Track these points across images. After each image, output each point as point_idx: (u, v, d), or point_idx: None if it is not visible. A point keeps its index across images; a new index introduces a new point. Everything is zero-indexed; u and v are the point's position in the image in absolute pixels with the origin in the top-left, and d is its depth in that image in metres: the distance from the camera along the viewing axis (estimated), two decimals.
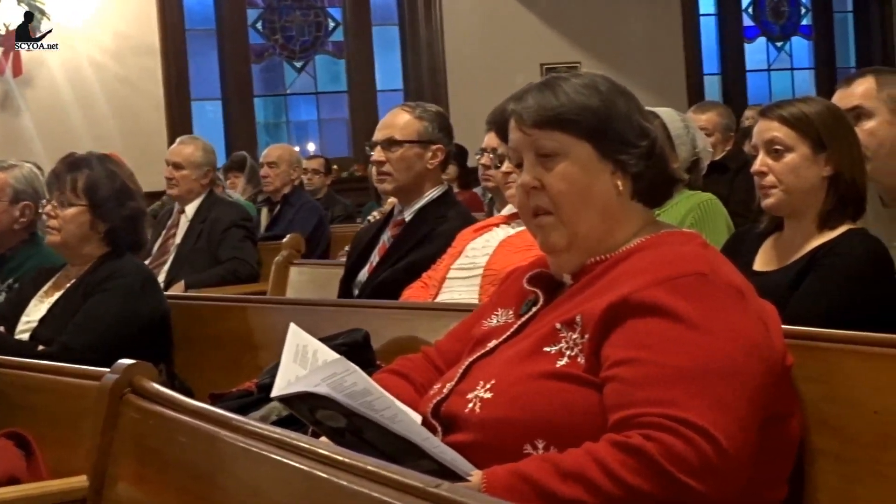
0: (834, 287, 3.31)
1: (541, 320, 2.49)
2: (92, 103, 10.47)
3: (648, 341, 2.26)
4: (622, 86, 2.60)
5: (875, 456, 2.38)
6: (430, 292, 4.25)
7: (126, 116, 10.59)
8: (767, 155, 3.49)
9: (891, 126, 3.91)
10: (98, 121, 10.42)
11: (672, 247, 2.45)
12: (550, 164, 2.50)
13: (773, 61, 14.47)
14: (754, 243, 3.64)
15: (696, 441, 2.14)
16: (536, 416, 2.31)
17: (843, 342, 2.50)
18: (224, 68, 11.65)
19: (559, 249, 2.53)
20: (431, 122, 4.76)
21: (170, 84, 10.89)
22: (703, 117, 6.70)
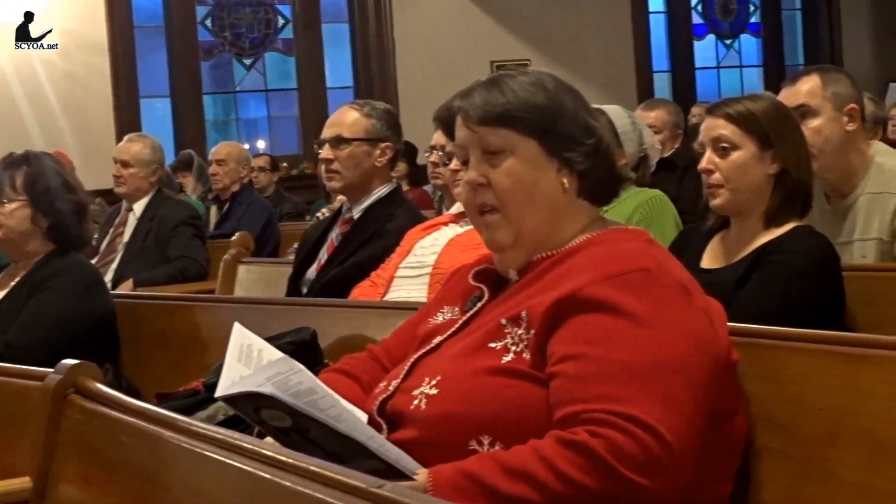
0: (780, 284, 3.32)
1: (486, 316, 2.49)
2: (41, 101, 10.40)
3: (594, 337, 2.26)
4: (569, 84, 2.60)
5: (821, 453, 2.38)
6: (378, 291, 4.24)
7: (75, 114, 10.52)
8: (714, 153, 3.50)
9: (836, 123, 3.95)
10: (47, 118, 10.36)
11: (618, 243, 2.45)
12: (496, 161, 2.50)
13: (722, 59, 14.54)
14: (701, 241, 3.65)
15: (641, 437, 2.14)
16: (482, 412, 2.30)
17: (788, 340, 2.51)
18: (173, 66, 11.60)
19: (505, 247, 2.53)
20: (380, 120, 4.75)
21: (118, 81, 10.83)
22: (652, 115, 6.72)
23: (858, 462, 2.31)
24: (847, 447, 2.34)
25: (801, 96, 3.96)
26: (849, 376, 2.37)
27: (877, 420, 2.30)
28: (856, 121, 3.98)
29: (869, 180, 3.96)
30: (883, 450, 2.27)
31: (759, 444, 2.49)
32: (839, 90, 3.99)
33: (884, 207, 3.90)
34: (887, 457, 2.27)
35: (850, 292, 3.49)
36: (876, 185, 3.94)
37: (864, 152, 4.00)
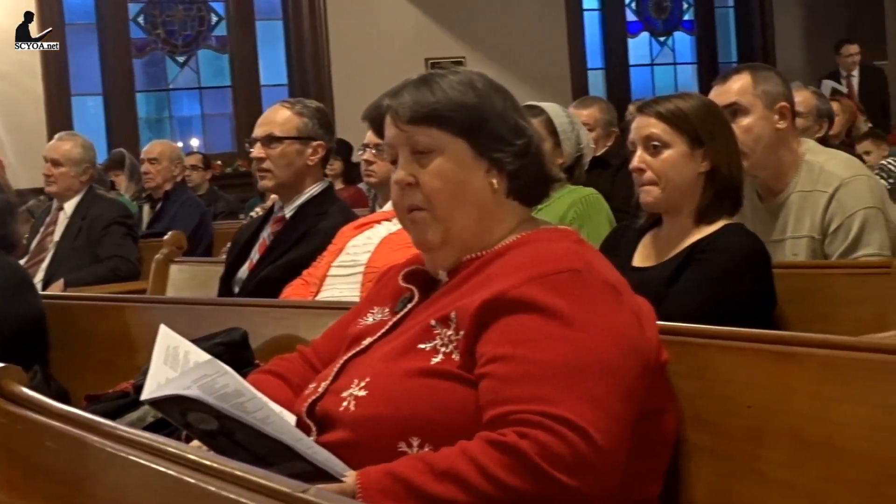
0: (711, 282, 3.34)
1: (416, 317, 2.48)
2: None
3: (523, 338, 2.25)
4: (499, 83, 2.60)
5: (748, 450, 2.40)
6: (310, 290, 4.23)
7: (6, 113, 10.44)
8: (645, 151, 3.51)
9: (767, 122, 3.97)
10: None
11: (547, 243, 2.45)
12: (425, 160, 2.49)
13: (655, 56, 14.62)
14: (633, 239, 3.66)
15: (570, 438, 2.14)
16: (411, 414, 2.30)
17: (716, 338, 2.52)
18: (105, 63, 11.51)
19: (434, 246, 2.52)
20: (312, 118, 4.73)
21: (49, 79, 10.75)
22: (585, 112, 6.72)
23: (784, 459, 2.33)
24: (773, 445, 2.35)
25: (733, 94, 3.98)
26: (776, 374, 2.38)
27: (802, 418, 2.31)
28: (786, 119, 4.01)
29: (800, 178, 3.98)
30: (808, 447, 2.29)
31: (688, 442, 2.50)
32: (770, 88, 4.01)
33: (815, 205, 3.92)
34: (812, 454, 2.28)
35: (782, 290, 3.51)
36: (807, 183, 3.96)
37: (795, 150, 4.03)
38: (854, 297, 3.53)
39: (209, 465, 1.68)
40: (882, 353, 2.28)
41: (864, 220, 3.84)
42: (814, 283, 3.63)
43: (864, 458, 2.21)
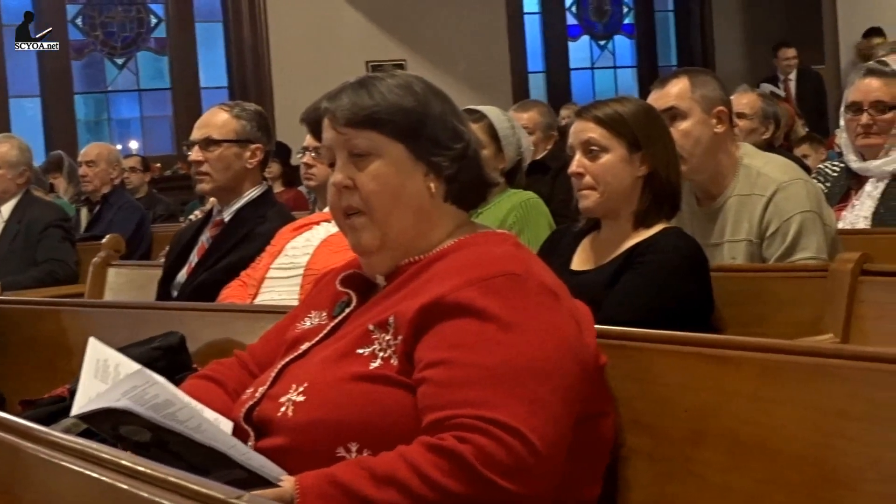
0: (649, 285, 3.35)
1: (354, 322, 2.47)
2: None
3: (461, 342, 2.25)
4: (437, 87, 2.59)
5: (685, 453, 2.41)
6: (248, 291, 4.21)
7: None
8: (584, 156, 3.52)
9: (705, 126, 3.99)
10: None
11: (485, 247, 2.44)
12: (363, 163, 2.48)
13: (596, 59, 14.67)
14: (572, 242, 3.67)
15: (509, 442, 2.13)
16: (349, 419, 2.29)
17: (654, 341, 2.53)
18: (43, 65, 11.42)
19: (371, 250, 2.51)
20: (250, 121, 4.71)
21: None
22: (525, 116, 6.74)
23: (722, 462, 2.34)
24: (711, 447, 2.36)
25: (671, 99, 3.99)
26: (713, 377, 2.39)
27: (740, 420, 2.32)
28: (724, 123, 4.02)
29: (738, 182, 3.99)
30: (745, 450, 2.30)
31: (626, 445, 2.51)
32: (708, 92, 4.03)
33: (752, 209, 3.94)
34: (749, 456, 2.29)
35: (720, 293, 3.53)
36: (744, 186, 3.98)
37: (733, 154, 4.05)
38: (791, 300, 3.55)
39: (143, 472, 1.66)
40: (818, 356, 2.29)
41: (802, 224, 3.86)
42: (752, 286, 3.65)
43: (801, 460, 2.22)
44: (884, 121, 4.80)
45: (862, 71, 5.00)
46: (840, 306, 3.39)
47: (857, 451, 2.14)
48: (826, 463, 2.18)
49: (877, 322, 3.38)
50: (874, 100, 4.81)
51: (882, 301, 3.39)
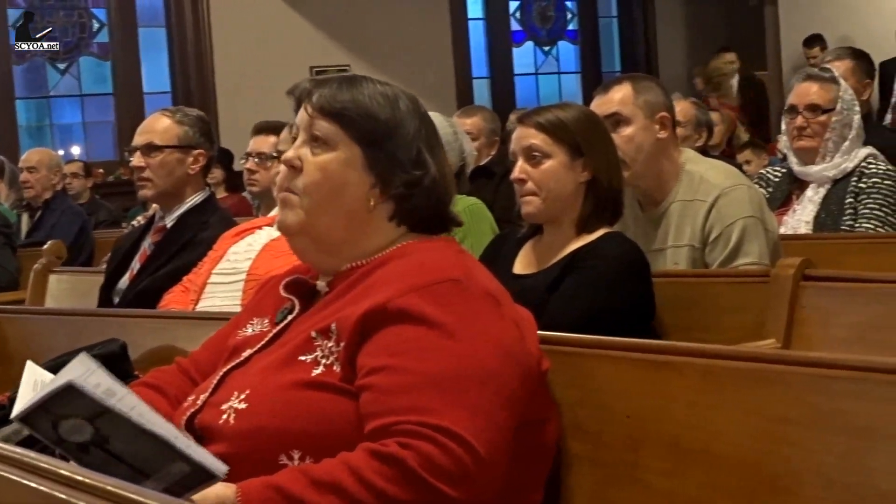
0: (591, 289, 3.36)
1: (296, 329, 2.46)
2: None
3: (403, 348, 2.25)
4: (427, 114, 2.59)
5: (628, 459, 2.41)
6: (190, 297, 4.19)
7: None
8: (526, 162, 3.53)
9: (647, 132, 4.00)
10: None
11: (428, 253, 2.44)
12: (318, 150, 2.49)
13: (540, 65, 14.69)
14: (514, 247, 3.67)
15: (451, 448, 2.13)
16: (291, 427, 2.28)
17: (595, 347, 2.53)
18: None
19: (289, 231, 2.52)
20: (192, 127, 4.69)
21: None
22: (469, 121, 6.74)
23: (663, 468, 2.35)
24: (652, 453, 2.37)
25: (614, 105, 4.01)
26: (655, 383, 2.39)
27: (681, 426, 2.33)
28: (667, 129, 4.04)
29: (680, 188, 4.01)
30: (686, 455, 2.31)
31: (568, 451, 2.51)
32: (650, 98, 4.05)
33: (695, 214, 3.96)
34: (691, 462, 2.30)
35: (662, 298, 3.54)
36: (687, 192, 4.00)
37: (676, 160, 4.06)
38: (733, 306, 3.56)
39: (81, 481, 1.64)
40: (758, 361, 2.30)
41: (744, 230, 3.88)
42: (694, 291, 3.66)
43: (743, 466, 2.23)
44: (818, 123, 4.84)
45: (802, 76, 5.04)
46: (782, 311, 3.41)
47: (798, 457, 2.15)
48: (767, 468, 2.19)
49: (818, 327, 3.40)
50: (809, 102, 4.87)
51: (823, 306, 3.41)
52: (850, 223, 4.73)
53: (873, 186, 4.75)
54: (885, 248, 4.32)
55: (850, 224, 4.73)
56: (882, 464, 2.05)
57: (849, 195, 4.78)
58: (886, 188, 4.74)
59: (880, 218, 4.69)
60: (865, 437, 2.08)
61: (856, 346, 3.29)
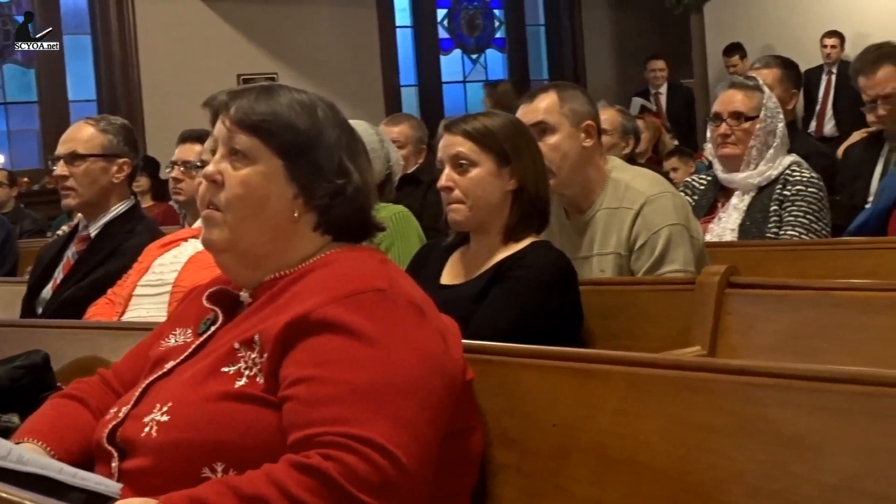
0: (517, 299, 3.36)
1: (219, 340, 2.44)
2: None
3: (326, 359, 2.23)
4: (345, 120, 2.58)
5: (553, 468, 2.41)
6: (116, 310, 4.15)
7: None
8: (453, 170, 3.52)
9: (573, 140, 4.01)
10: None
11: (351, 263, 2.43)
12: (238, 164, 2.46)
13: (468, 73, 14.71)
14: (441, 256, 3.66)
15: (375, 459, 2.12)
16: (214, 439, 2.26)
17: (521, 356, 2.53)
18: None
19: (216, 249, 2.49)
20: (116, 136, 4.66)
21: None
22: (396, 130, 6.72)
23: (588, 476, 2.34)
24: (578, 462, 2.37)
25: (540, 113, 4.01)
26: (580, 392, 2.39)
27: (607, 434, 2.33)
28: (592, 137, 4.05)
29: (606, 196, 4.02)
30: (612, 463, 2.31)
31: (494, 461, 2.51)
32: (576, 107, 4.05)
33: (621, 222, 3.97)
34: (616, 470, 2.30)
35: (589, 306, 3.54)
36: (613, 200, 4.01)
37: (601, 168, 4.07)
38: (659, 313, 3.57)
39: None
40: (683, 369, 2.30)
41: (669, 237, 3.90)
42: (620, 299, 3.67)
43: (667, 474, 2.23)
44: (741, 130, 4.87)
45: (726, 83, 5.08)
46: (707, 319, 3.42)
47: (722, 465, 2.16)
48: (691, 476, 2.19)
49: (743, 334, 3.42)
50: (733, 110, 4.89)
51: (748, 313, 3.42)
52: (775, 230, 4.76)
53: (797, 194, 4.78)
54: (809, 254, 4.36)
55: (774, 231, 4.75)
56: (805, 471, 2.06)
57: (773, 202, 4.80)
58: (810, 195, 4.78)
59: (804, 225, 4.72)
60: (789, 444, 2.09)
61: (780, 353, 3.31)
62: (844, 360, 3.12)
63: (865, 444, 2.00)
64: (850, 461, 2.01)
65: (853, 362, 3.07)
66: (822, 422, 2.06)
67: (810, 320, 3.33)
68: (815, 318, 3.33)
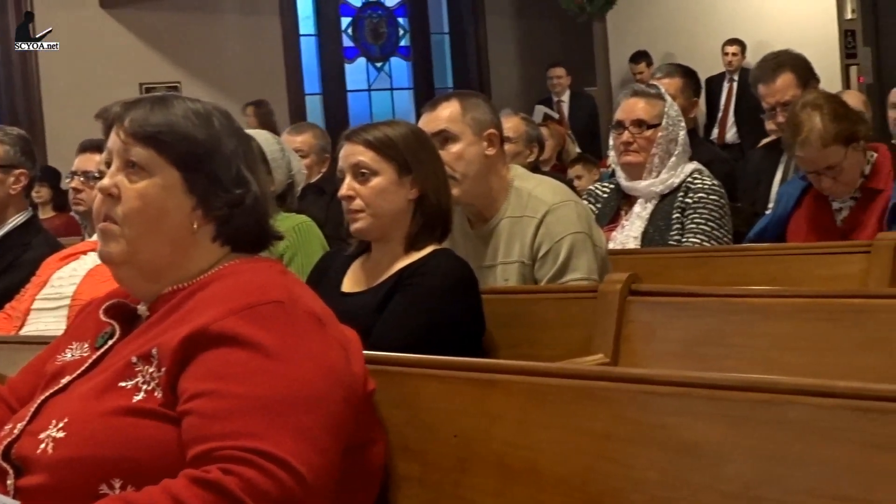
0: (418, 308, 3.35)
1: (117, 354, 2.41)
2: None
3: (225, 372, 2.21)
4: (242, 129, 2.55)
5: (455, 479, 2.40)
6: (14, 324, 4.11)
7: None
8: (354, 179, 3.51)
9: (476, 148, 4.01)
10: None
11: (250, 275, 2.41)
12: (134, 177, 2.43)
13: (373, 81, 14.69)
14: (343, 265, 3.65)
15: (276, 473, 2.10)
16: (112, 455, 2.22)
17: (421, 367, 2.53)
18: None
19: (114, 262, 2.46)
20: (13, 146, 4.61)
21: None
22: (299, 139, 6.70)
23: (490, 487, 2.34)
24: (479, 472, 2.37)
25: (442, 122, 4.01)
26: (480, 402, 2.39)
27: (508, 445, 2.33)
28: (495, 145, 4.05)
29: (509, 204, 4.03)
30: (513, 474, 2.31)
31: (396, 472, 2.50)
32: (478, 115, 4.05)
33: (524, 231, 3.97)
34: (517, 480, 2.30)
35: (492, 315, 3.54)
36: (516, 208, 4.01)
37: (504, 177, 4.08)
38: (562, 322, 3.58)
39: None
40: (583, 378, 2.31)
41: (572, 245, 3.91)
42: (523, 308, 3.67)
43: (568, 484, 2.24)
44: (644, 138, 4.89)
45: (628, 91, 5.10)
46: (609, 327, 3.44)
47: (622, 474, 2.17)
48: (591, 486, 2.20)
49: (645, 342, 3.43)
50: (635, 118, 4.91)
51: (650, 321, 3.44)
52: (678, 238, 4.79)
53: (699, 201, 4.81)
54: (710, 261, 4.39)
55: (677, 239, 4.79)
56: (704, 479, 2.07)
57: (675, 210, 4.84)
58: (712, 203, 4.81)
59: (706, 232, 4.75)
60: (688, 452, 2.10)
61: (683, 360, 3.33)
62: (746, 367, 3.14)
63: (764, 452, 2.01)
64: (749, 469, 2.02)
65: (754, 369, 3.10)
66: (721, 430, 2.07)
67: (712, 327, 3.35)
68: (716, 325, 3.35)
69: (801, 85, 5.53)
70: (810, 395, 2.00)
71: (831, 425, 1.96)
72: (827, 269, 4.10)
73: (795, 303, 3.29)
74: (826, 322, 3.20)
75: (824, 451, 1.95)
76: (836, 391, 1.97)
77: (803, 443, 1.98)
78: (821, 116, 4.52)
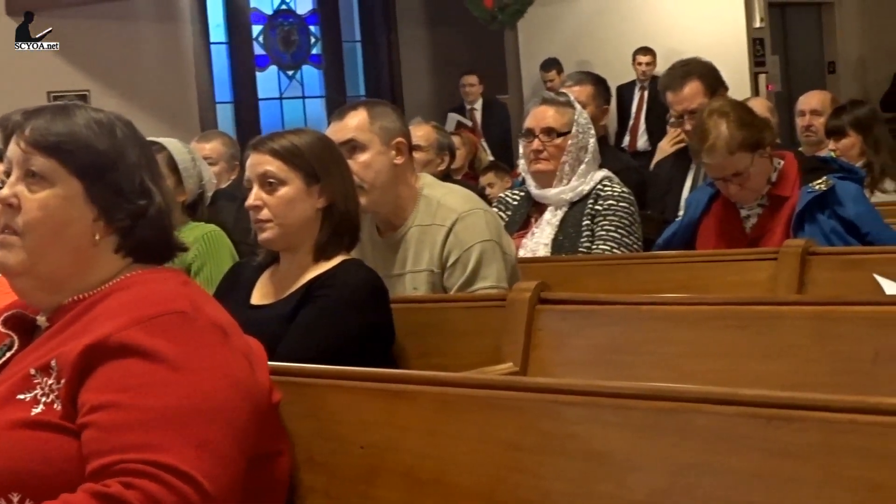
0: (327, 319, 3.32)
1: (15, 366, 2.36)
2: None
3: (126, 384, 2.18)
4: (145, 139, 2.52)
5: (362, 491, 2.39)
6: None
7: None
8: (261, 188, 3.48)
9: (384, 157, 3.99)
10: None
11: (152, 285, 2.38)
12: (35, 187, 2.38)
13: (285, 90, 14.62)
14: (252, 276, 3.62)
15: (177, 486, 2.08)
16: (10, 468, 2.19)
17: (328, 377, 2.51)
18: None
19: (13, 273, 2.41)
20: None
21: None
22: (208, 147, 6.64)
23: (398, 498, 2.34)
24: (387, 483, 2.36)
25: (350, 131, 3.98)
26: (387, 412, 2.38)
27: (416, 456, 2.32)
28: (403, 154, 4.03)
29: (418, 213, 4.01)
30: (421, 484, 2.30)
31: (302, 484, 2.49)
32: (386, 124, 4.03)
33: (433, 239, 3.96)
34: (426, 492, 2.30)
35: (401, 324, 3.53)
36: (425, 217, 4.00)
37: (413, 185, 4.06)
38: (471, 330, 3.57)
39: None
40: (491, 388, 2.30)
41: (482, 254, 3.90)
42: (433, 316, 3.66)
43: (476, 494, 2.23)
44: (554, 146, 4.90)
45: (538, 100, 5.11)
46: (518, 335, 3.43)
47: (530, 484, 2.16)
48: (500, 496, 2.19)
49: (555, 350, 3.43)
50: (545, 126, 4.92)
51: (559, 329, 3.43)
52: (588, 245, 4.80)
53: (609, 209, 4.83)
54: (620, 269, 4.41)
55: (587, 246, 4.80)
56: (612, 488, 2.07)
57: (585, 217, 4.85)
58: (622, 210, 4.83)
59: (616, 239, 4.77)
60: (596, 461, 2.10)
61: (592, 368, 3.33)
62: (655, 375, 3.15)
63: (671, 460, 2.01)
64: (657, 477, 2.02)
65: (664, 377, 3.11)
66: (629, 438, 2.07)
67: (621, 335, 3.36)
68: (625, 333, 3.36)
69: (709, 93, 5.56)
70: (716, 404, 2.00)
71: (737, 433, 1.96)
72: (735, 276, 4.12)
73: (704, 310, 3.30)
74: (734, 329, 3.21)
75: (730, 459, 1.95)
76: (741, 399, 1.98)
77: (710, 451, 1.98)
78: (727, 123, 4.54)
